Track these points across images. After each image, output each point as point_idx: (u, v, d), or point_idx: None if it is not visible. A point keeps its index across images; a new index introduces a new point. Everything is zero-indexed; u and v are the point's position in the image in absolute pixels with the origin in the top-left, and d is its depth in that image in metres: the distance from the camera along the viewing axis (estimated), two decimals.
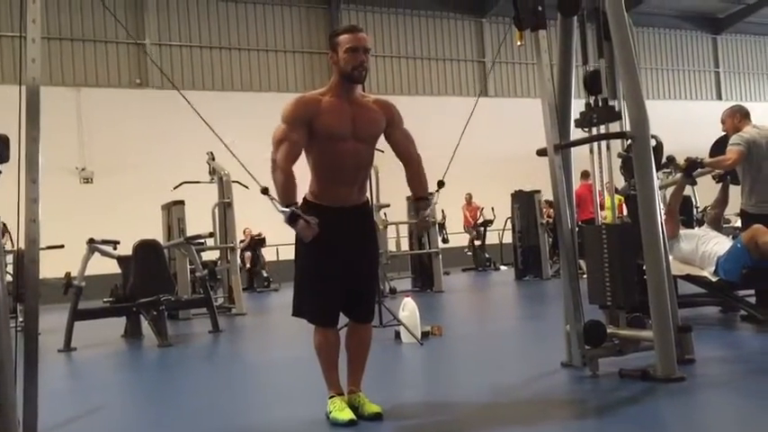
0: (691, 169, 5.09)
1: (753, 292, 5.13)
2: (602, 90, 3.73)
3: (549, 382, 3.65)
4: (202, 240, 8.76)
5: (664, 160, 4.90)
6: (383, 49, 17.88)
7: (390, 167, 3.92)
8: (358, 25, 3.11)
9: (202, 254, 9.40)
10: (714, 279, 4.94)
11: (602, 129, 3.79)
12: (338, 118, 2.96)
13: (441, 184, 3.33)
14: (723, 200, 5.64)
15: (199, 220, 8.99)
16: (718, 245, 5.04)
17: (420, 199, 3.20)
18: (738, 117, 5.26)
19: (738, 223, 5.51)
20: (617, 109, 3.69)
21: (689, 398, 3.11)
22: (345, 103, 2.99)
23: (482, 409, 3.18)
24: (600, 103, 3.75)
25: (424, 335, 5.22)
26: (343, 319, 3.10)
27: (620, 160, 3.81)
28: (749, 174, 5.08)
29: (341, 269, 2.99)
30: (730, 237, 5.32)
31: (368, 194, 3.26)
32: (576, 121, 3.89)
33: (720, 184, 5.56)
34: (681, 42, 21.01)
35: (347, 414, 2.93)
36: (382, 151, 3.31)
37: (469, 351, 5.02)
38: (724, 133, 5.32)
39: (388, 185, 7.62)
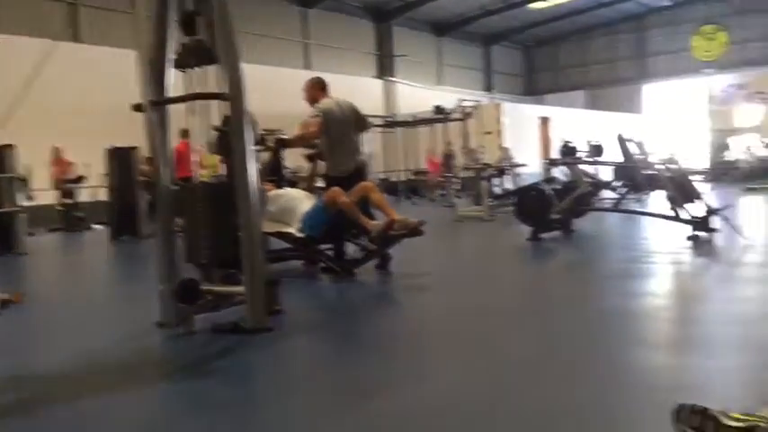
0: (279, 148, 5.49)
1: (332, 246, 5.72)
2: (198, 32, 3.69)
3: (142, 343, 3.57)
4: None
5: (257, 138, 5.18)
6: None
7: None
8: None
9: None
10: (300, 235, 5.40)
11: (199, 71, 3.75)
12: None
13: None
14: (312, 175, 6.20)
15: None
16: (305, 204, 5.52)
17: None
18: (317, 89, 5.76)
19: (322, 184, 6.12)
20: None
21: (276, 345, 3.35)
22: None
23: (69, 379, 2.96)
24: (197, 45, 3.70)
25: (3, 304, 4.65)
26: None
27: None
28: (328, 141, 5.63)
29: None
30: (317, 197, 5.85)
31: None
32: (174, 61, 3.80)
33: (310, 161, 6.11)
34: (272, 11, 22.03)
35: None
36: None
37: (57, 318, 4.62)
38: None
39: None
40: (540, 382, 2.58)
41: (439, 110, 19.13)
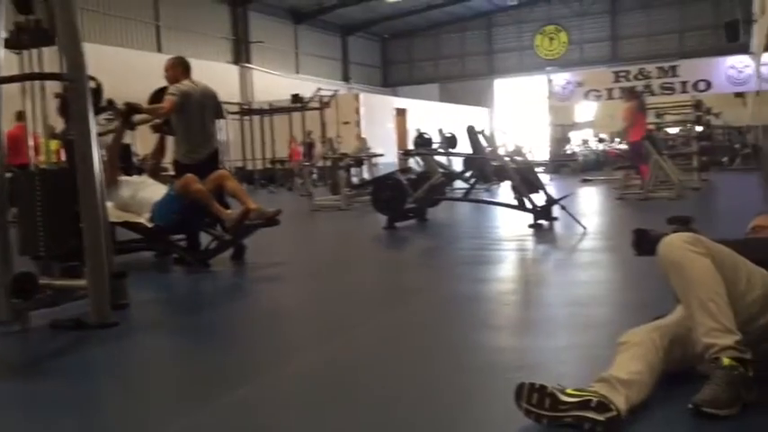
0: (129, 114, 5.17)
1: (184, 236, 5.53)
2: (35, 11, 3.44)
3: None
4: None
5: (104, 104, 4.87)
6: None
7: None
8: None
9: None
10: (150, 225, 5.17)
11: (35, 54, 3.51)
12: None
13: None
14: (160, 150, 5.92)
15: None
16: (155, 192, 5.29)
17: None
18: (180, 69, 5.55)
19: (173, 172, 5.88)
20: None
21: (121, 341, 3.19)
22: None
23: None
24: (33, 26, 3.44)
25: None
26: None
27: (57, 101, 3.62)
28: (182, 125, 5.43)
29: None
30: (168, 185, 5.62)
31: None
32: (5, 41, 3.50)
33: (158, 135, 5.81)
34: None
35: None
36: None
37: None
38: (165, 86, 5.54)
39: None
40: (392, 364, 2.65)
41: (296, 98, 19.03)
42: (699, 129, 12.37)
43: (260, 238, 5.49)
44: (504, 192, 10.81)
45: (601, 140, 20.55)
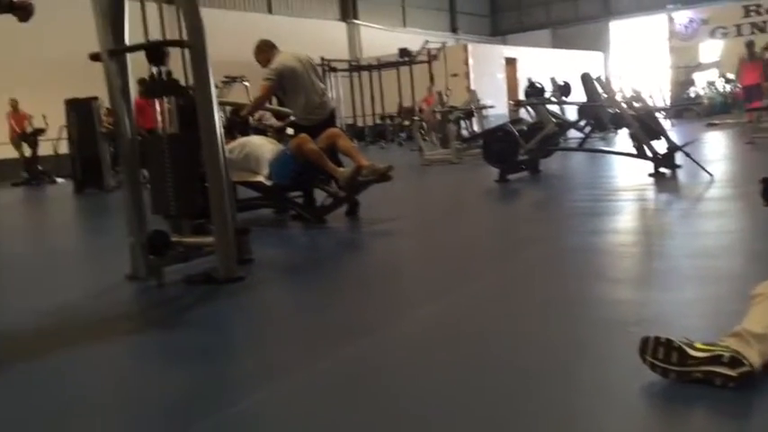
0: (235, 124, 5.49)
1: (301, 193, 5.71)
2: None
3: (113, 296, 3.56)
4: None
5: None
6: None
7: None
8: None
9: None
10: (268, 183, 5.37)
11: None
12: None
13: None
14: (281, 130, 6.25)
15: None
16: (269, 151, 5.48)
17: None
18: (267, 50, 5.67)
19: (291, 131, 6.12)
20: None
21: (247, 295, 3.36)
22: None
23: (41, 335, 2.95)
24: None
25: None
26: None
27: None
28: (291, 97, 5.59)
29: None
30: (284, 143, 5.80)
31: None
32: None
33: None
34: None
35: None
36: None
37: (21, 272, 4.57)
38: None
39: None
40: (507, 319, 2.65)
41: (404, 52, 18.92)
42: None
43: (373, 193, 5.57)
44: (622, 140, 10.38)
45: (728, 81, 19.20)
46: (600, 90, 8.20)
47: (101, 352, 2.66)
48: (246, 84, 14.17)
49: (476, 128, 13.92)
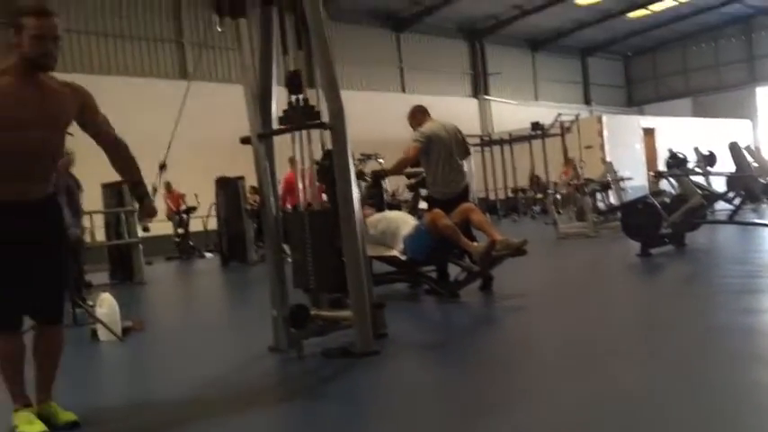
0: (378, 180, 5.67)
1: (435, 268, 5.73)
2: (303, 90, 3.82)
3: (256, 367, 3.70)
4: None
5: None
6: (75, 23, 16.29)
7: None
8: (47, 6, 2.67)
9: None
10: (403, 258, 5.44)
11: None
12: (18, 102, 2.61)
13: (163, 166, 3.15)
14: (415, 204, 6.35)
15: None
16: (405, 226, 5.57)
17: (137, 184, 3.00)
18: (420, 115, 5.83)
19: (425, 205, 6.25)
20: (316, 109, 3.81)
21: (383, 369, 3.39)
22: (29, 87, 2.65)
23: (190, 404, 3.11)
24: (301, 103, 3.81)
25: (125, 331, 4.94)
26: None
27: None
28: (431, 165, 5.67)
29: (20, 268, 2.68)
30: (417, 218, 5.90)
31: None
32: (279, 119, 3.91)
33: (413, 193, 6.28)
34: (366, 37, 22.45)
35: (37, 427, 2.66)
36: (71, 134, 3.03)
37: (175, 344, 4.87)
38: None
39: (77, 172, 6.94)
40: (655, 401, 2.48)
41: (536, 126, 18.84)
42: None
43: (507, 268, 5.50)
44: None
45: None
46: (750, 159, 7.75)
47: (251, 420, 2.76)
48: (381, 161, 14.62)
49: (613, 200, 13.47)
